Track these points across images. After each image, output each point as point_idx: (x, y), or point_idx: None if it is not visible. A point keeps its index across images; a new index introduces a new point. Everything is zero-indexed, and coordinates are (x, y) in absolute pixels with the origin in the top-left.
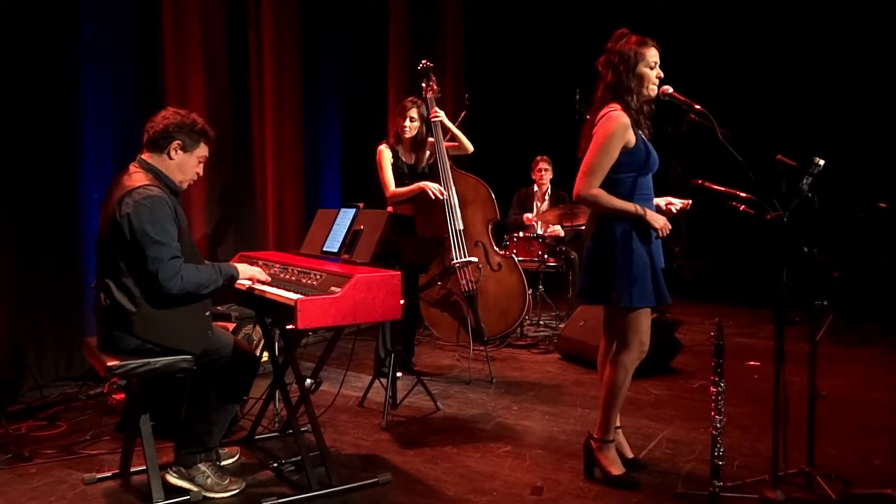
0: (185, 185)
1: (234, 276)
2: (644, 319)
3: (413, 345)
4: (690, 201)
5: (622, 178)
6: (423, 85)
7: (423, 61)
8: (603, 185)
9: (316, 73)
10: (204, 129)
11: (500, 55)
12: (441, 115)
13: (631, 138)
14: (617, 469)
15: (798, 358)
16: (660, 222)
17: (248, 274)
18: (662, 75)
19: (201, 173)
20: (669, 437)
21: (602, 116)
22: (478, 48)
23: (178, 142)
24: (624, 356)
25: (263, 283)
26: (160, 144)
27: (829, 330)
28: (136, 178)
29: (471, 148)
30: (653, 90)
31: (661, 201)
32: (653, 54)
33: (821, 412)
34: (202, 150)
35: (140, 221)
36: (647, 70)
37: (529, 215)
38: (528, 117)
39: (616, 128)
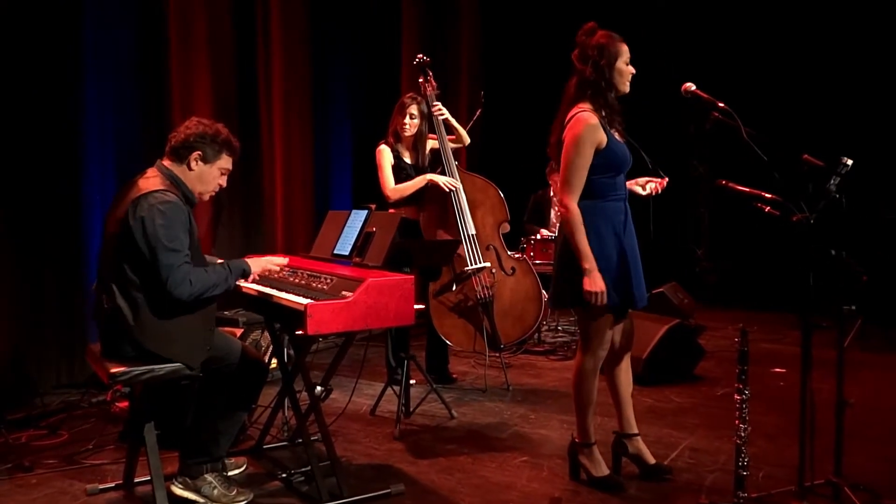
0: (205, 197)
1: (245, 271)
2: (606, 325)
3: (447, 352)
4: (667, 179)
5: (597, 179)
6: (421, 81)
7: (419, 56)
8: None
9: (325, 72)
10: (227, 140)
11: (518, 51)
12: (445, 112)
13: (602, 138)
14: (599, 471)
15: (825, 364)
16: (596, 287)
17: (262, 267)
18: (634, 72)
19: (224, 185)
20: (692, 445)
21: (570, 119)
22: (495, 44)
23: (199, 152)
24: (582, 359)
25: (281, 267)
26: (181, 154)
27: (857, 335)
28: (153, 182)
29: (468, 140)
30: (627, 86)
31: (638, 188)
32: (627, 51)
33: (849, 420)
34: (225, 162)
35: (154, 226)
36: (624, 66)
37: (546, 232)
38: (546, 115)
39: (583, 130)
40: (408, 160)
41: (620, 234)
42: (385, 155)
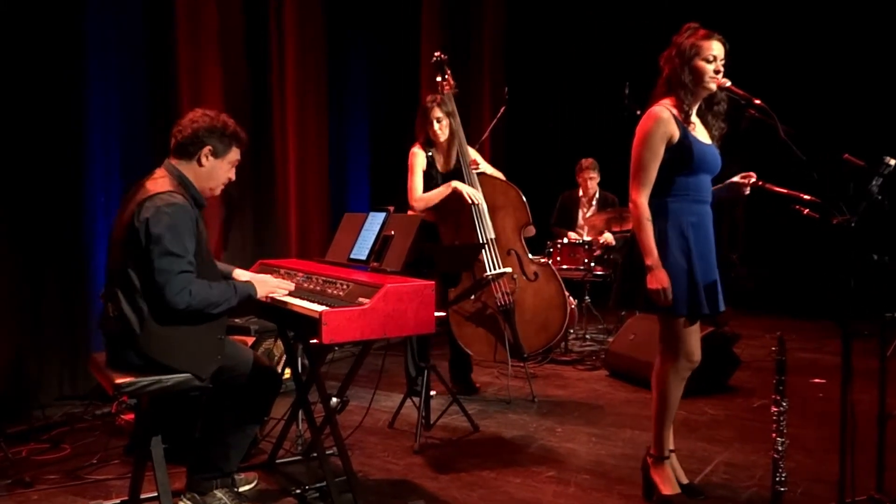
0: (216, 192)
1: (251, 296)
2: (682, 328)
3: (470, 361)
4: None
5: (667, 176)
6: (438, 80)
7: (436, 53)
8: None
9: (342, 68)
10: (235, 131)
11: (543, 47)
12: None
13: (673, 132)
14: (667, 489)
15: (866, 375)
16: (658, 284)
17: (268, 290)
18: (722, 70)
19: (233, 178)
20: (727, 460)
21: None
22: (519, 40)
23: (209, 147)
24: (663, 366)
25: (286, 294)
26: (189, 151)
27: None
28: (161, 183)
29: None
30: (711, 84)
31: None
32: (713, 47)
33: (891, 434)
34: (234, 155)
35: (157, 229)
36: (703, 63)
37: (573, 235)
38: (572, 113)
39: (653, 124)
40: (439, 167)
41: (689, 236)
42: (418, 159)
